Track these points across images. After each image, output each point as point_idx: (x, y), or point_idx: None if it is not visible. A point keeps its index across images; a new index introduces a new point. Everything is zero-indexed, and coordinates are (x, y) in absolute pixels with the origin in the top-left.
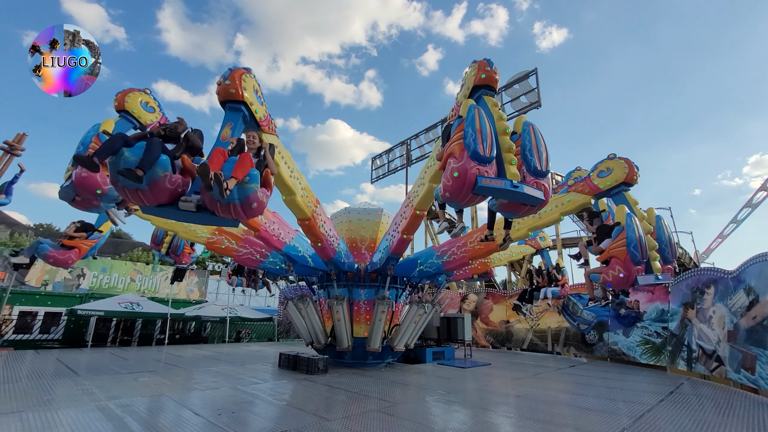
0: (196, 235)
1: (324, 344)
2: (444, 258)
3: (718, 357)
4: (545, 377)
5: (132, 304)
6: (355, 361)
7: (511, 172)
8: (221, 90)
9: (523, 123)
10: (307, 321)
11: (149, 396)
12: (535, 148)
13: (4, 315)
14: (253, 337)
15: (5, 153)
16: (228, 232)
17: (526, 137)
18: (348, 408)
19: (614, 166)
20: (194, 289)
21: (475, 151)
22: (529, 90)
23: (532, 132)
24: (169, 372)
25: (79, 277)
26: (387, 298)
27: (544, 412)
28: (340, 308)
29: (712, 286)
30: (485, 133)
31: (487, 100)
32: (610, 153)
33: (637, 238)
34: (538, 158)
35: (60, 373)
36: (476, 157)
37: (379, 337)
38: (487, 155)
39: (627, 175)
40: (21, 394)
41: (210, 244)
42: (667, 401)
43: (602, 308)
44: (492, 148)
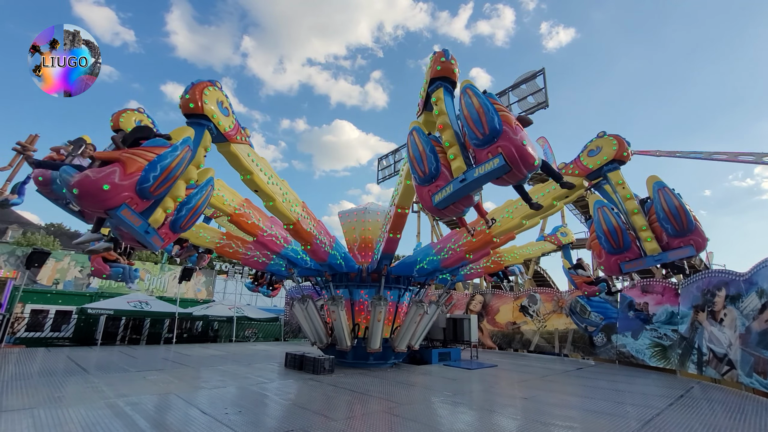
0: (206, 241)
1: (326, 344)
2: (441, 255)
3: (730, 360)
4: (552, 379)
5: (141, 303)
6: (358, 361)
7: (454, 167)
8: (182, 104)
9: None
10: (308, 321)
11: (157, 394)
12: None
13: (17, 313)
14: (260, 336)
15: (18, 154)
16: (236, 237)
17: (460, 109)
18: (353, 408)
19: (603, 144)
20: (202, 289)
21: (418, 178)
22: (537, 90)
23: (462, 101)
24: (177, 370)
25: (89, 276)
26: (383, 298)
27: (551, 414)
28: (336, 309)
29: (724, 288)
30: (418, 157)
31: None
32: (600, 131)
33: (605, 230)
34: (474, 125)
35: (70, 371)
36: (422, 182)
37: (378, 337)
38: (427, 174)
39: (617, 152)
40: (33, 390)
41: (219, 249)
42: (676, 405)
43: (610, 310)
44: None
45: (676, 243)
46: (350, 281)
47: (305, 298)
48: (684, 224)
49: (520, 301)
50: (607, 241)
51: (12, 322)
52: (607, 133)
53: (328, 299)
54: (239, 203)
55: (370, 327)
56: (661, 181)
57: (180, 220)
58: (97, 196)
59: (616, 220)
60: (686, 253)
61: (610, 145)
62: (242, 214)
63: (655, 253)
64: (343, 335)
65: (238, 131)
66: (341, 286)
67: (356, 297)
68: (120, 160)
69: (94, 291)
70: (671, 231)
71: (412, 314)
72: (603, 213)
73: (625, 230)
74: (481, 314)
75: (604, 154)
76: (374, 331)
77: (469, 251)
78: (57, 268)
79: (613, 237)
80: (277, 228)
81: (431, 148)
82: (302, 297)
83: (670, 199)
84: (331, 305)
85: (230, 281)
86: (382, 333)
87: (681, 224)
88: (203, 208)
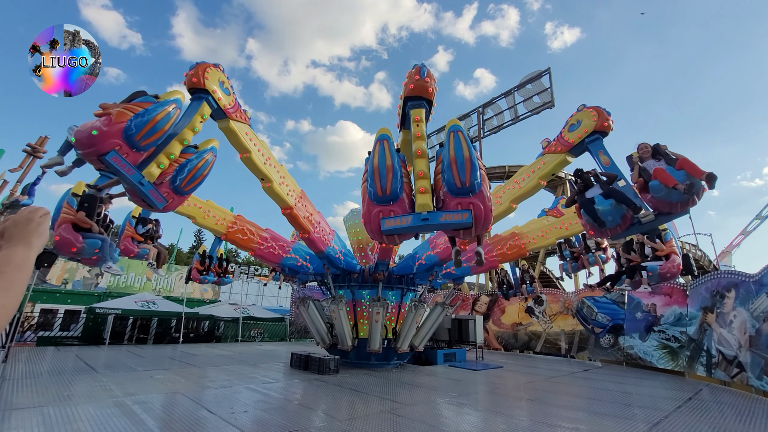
0: (215, 223)
1: (328, 344)
2: (438, 249)
3: (739, 363)
4: (559, 381)
5: (148, 303)
6: (362, 361)
7: (419, 202)
8: (186, 80)
9: (446, 131)
10: (311, 321)
11: (164, 393)
12: (453, 163)
13: (27, 312)
14: (265, 336)
15: (28, 155)
16: (248, 223)
17: (445, 151)
18: (358, 408)
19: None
20: (208, 289)
21: (374, 194)
22: (542, 90)
23: (451, 142)
24: (184, 370)
25: (97, 276)
26: (382, 299)
27: (557, 416)
28: (337, 308)
29: (733, 289)
30: (383, 171)
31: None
32: (580, 105)
33: (375, 166)
34: (458, 173)
35: (79, 370)
36: (377, 200)
37: (378, 338)
38: (387, 194)
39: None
40: (42, 389)
41: (230, 235)
42: (685, 408)
43: (618, 311)
44: (392, 183)
45: (454, 204)
46: (352, 281)
47: (305, 299)
48: (467, 179)
49: (526, 302)
50: (373, 183)
51: (22, 322)
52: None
53: (329, 299)
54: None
55: (369, 328)
56: (459, 125)
57: (179, 180)
58: (88, 140)
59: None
60: (459, 219)
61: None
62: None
63: (424, 210)
64: (345, 335)
65: (238, 110)
66: (343, 286)
67: (358, 297)
68: (110, 113)
69: (103, 291)
70: (451, 187)
71: (412, 316)
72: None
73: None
74: (486, 315)
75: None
76: (374, 331)
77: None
78: (66, 268)
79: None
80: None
81: (399, 168)
82: (302, 298)
83: (459, 146)
84: (332, 305)
85: (236, 281)
86: (381, 334)
87: (463, 179)
88: (204, 171)
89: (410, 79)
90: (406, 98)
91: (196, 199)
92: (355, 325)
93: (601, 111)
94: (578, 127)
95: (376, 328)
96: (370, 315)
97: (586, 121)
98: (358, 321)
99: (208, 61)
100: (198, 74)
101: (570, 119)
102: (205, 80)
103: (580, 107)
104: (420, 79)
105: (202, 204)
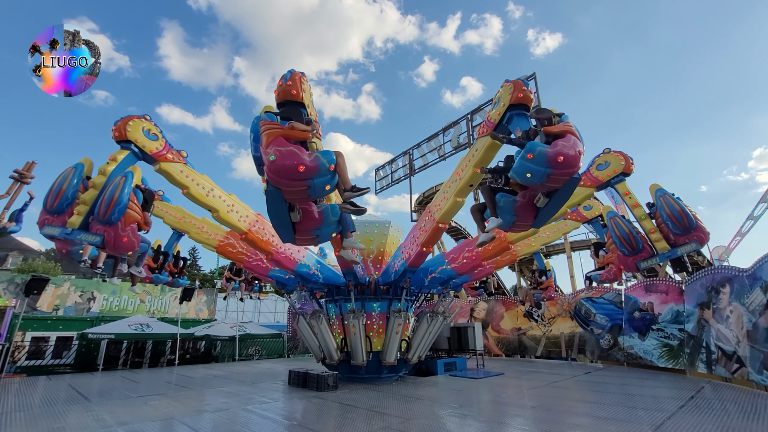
0: (208, 236)
1: (337, 360)
2: (456, 263)
3: (739, 358)
4: (561, 386)
5: (142, 326)
6: (365, 375)
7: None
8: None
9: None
10: (320, 337)
11: (159, 420)
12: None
13: (17, 342)
14: (263, 353)
15: (15, 181)
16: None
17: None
18: (359, 426)
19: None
20: (203, 308)
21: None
22: None
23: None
24: (180, 394)
25: (89, 300)
26: (403, 311)
27: (561, 423)
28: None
29: (728, 284)
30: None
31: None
32: (605, 148)
33: (619, 235)
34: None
35: (71, 399)
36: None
37: (394, 350)
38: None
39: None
40: (33, 422)
41: (221, 247)
42: (688, 407)
43: (616, 311)
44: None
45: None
46: (360, 294)
47: (316, 313)
48: (686, 223)
49: (524, 307)
50: (622, 245)
51: (12, 351)
52: (612, 149)
53: (348, 312)
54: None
55: (387, 340)
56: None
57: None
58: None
59: (627, 226)
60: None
61: (618, 161)
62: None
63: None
64: (359, 349)
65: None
66: (337, 300)
67: (368, 309)
68: None
69: (95, 315)
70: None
71: (425, 325)
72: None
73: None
74: (485, 321)
75: (614, 167)
76: (391, 344)
77: (485, 258)
78: (57, 294)
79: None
80: None
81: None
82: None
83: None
84: (351, 319)
85: (231, 299)
86: (399, 346)
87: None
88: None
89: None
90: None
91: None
92: (367, 338)
93: (627, 156)
94: (607, 167)
95: (394, 341)
96: (390, 327)
97: (615, 164)
98: (368, 334)
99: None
100: (120, 129)
101: (597, 159)
102: (126, 132)
103: (605, 150)
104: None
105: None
